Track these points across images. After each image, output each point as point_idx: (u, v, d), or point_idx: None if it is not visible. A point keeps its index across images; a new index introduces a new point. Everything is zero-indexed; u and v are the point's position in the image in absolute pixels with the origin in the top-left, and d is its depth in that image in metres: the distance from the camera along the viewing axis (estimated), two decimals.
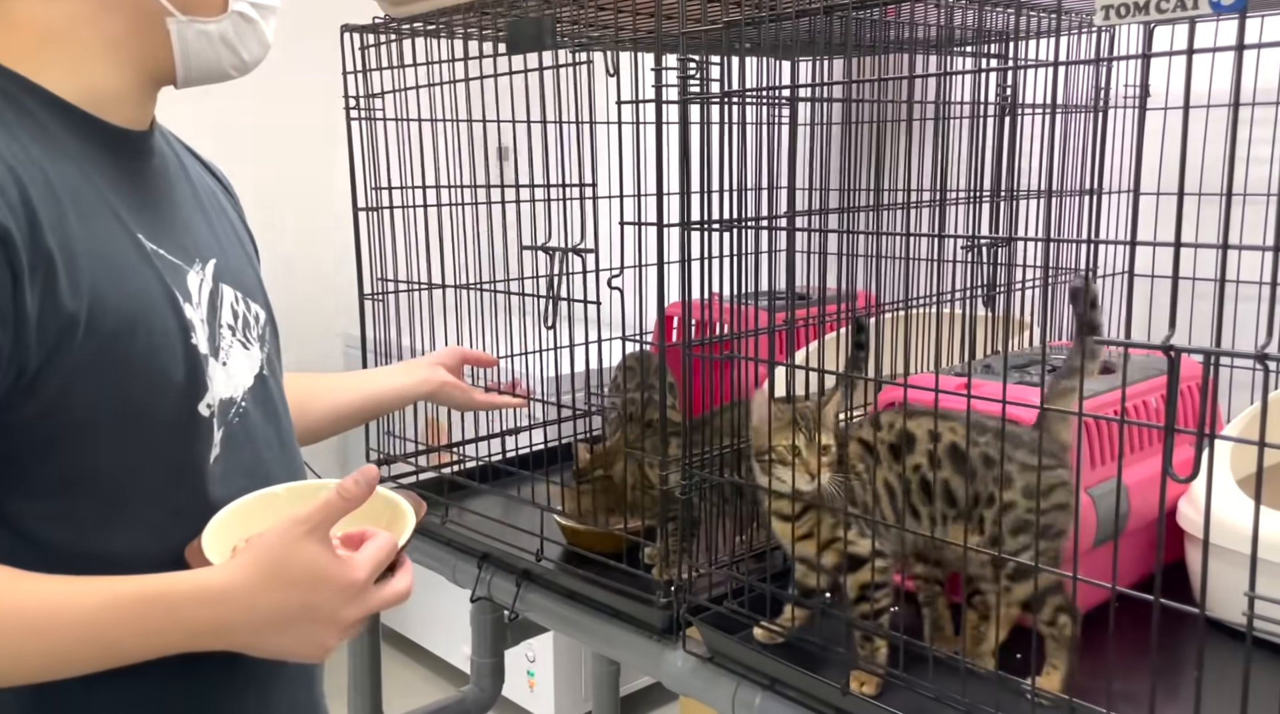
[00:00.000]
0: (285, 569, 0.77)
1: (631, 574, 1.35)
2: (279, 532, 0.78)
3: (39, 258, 0.75)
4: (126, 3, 0.84)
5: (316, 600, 0.78)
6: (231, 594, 0.76)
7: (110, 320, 0.79)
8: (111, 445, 0.82)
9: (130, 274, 0.82)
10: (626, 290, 1.43)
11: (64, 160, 0.80)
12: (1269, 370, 0.76)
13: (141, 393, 0.82)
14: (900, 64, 1.68)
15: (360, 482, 0.80)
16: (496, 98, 1.58)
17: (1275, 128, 1.45)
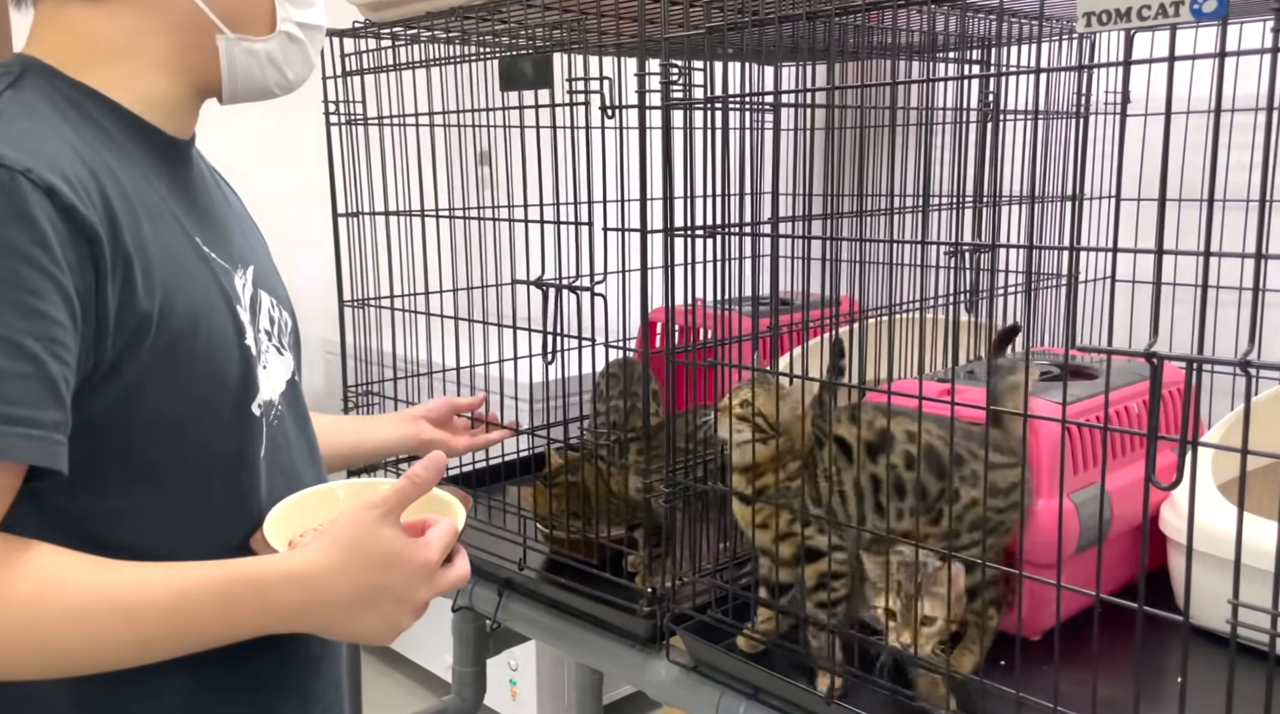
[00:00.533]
0: (364, 551, 0.80)
1: (614, 583, 1.34)
2: (355, 516, 0.81)
3: (119, 257, 0.77)
4: (181, 19, 0.87)
5: (393, 581, 0.81)
6: (315, 576, 0.79)
7: (179, 320, 0.81)
8: (174, 443, 0.84)
9: (194, 276, 0.85)
10: (611, 296, 1.42)
11: (128, 164, 0.83)
12: (1251, 377, 0.76)
13: (202, 391, 0.85)
14: (883, 70, 1.68)
15: (430, 467, 0.83)
16: (470, 101, 1.57)
17: (1255, 134, 1.46)
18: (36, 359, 0.71)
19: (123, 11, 0.85)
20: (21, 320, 0.71)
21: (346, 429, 1.33)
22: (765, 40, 1.22)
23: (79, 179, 0.75)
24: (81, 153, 0.78)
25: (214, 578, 0.77)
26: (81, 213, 0.74)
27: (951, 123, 1.45)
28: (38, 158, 0.74)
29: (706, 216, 1.23)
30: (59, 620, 0.73)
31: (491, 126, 1.57)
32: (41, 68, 0.83)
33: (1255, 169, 1.50)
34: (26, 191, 0.72)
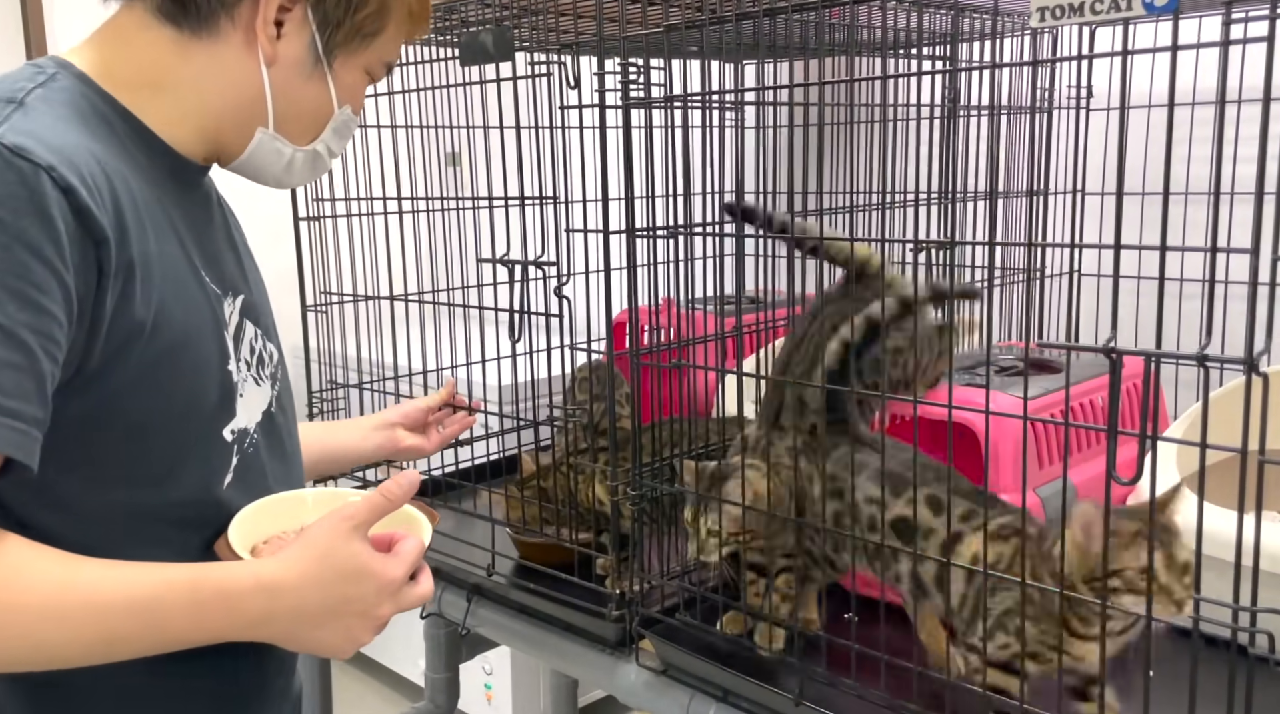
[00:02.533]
0: (333, 564, 0.80)
1: (584, 587, 1.33)
2: (326, 527, 0.81)
3: (123, 264, 0.77)
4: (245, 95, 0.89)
5: (359, 595, 0.81)
6: (284, 585, 0.79)
7: (169, 335, 0.82)
8: (143, 454, 0.83)
9: (189, 295, 0.86)
10: (579, 298, 1.41)
11: (140, 177, 0.84)
12: (1209, 371, 0.76)
13: (180, 408, 0.85)
14: (843, 67, 1.68)
15: (402, 485, 0.84)
16: (430, 103, 1.55)
17: (1213, 127, 1.47)
18: (31, 353, 0.71)
19: (200, 61, 0.87)
20: (22, 312, 0.71)
21: (316, 437, 1.31)
22: (725, 38, 1.21)
23: (94, 181, 0.76)
24: (98, 156, 0.79)
25: (184, 580, 0.77)
26: (94, 215, 0.75)
27: (913, 119, 1.45)
28: (59, 156, 0.74)
29: (669, 216, 1.22)
30: (27, 614, 0.72)
31: (456, 127, 1.56)
32: (75, 73, 0.84)
33: (1213, 162, 1.51)
34: (47, 188, 0.72)
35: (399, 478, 0.84)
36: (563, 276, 1.38)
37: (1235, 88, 0.85)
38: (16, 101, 0.77)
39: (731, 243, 1.27)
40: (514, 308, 1.40)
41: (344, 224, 1.68)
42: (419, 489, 0.87)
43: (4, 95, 0.78)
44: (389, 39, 0.94)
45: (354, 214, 1.68)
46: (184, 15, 0.86)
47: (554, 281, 1.37)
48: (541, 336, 1.53)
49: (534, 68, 1.30)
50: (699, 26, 1.15)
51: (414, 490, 0.85)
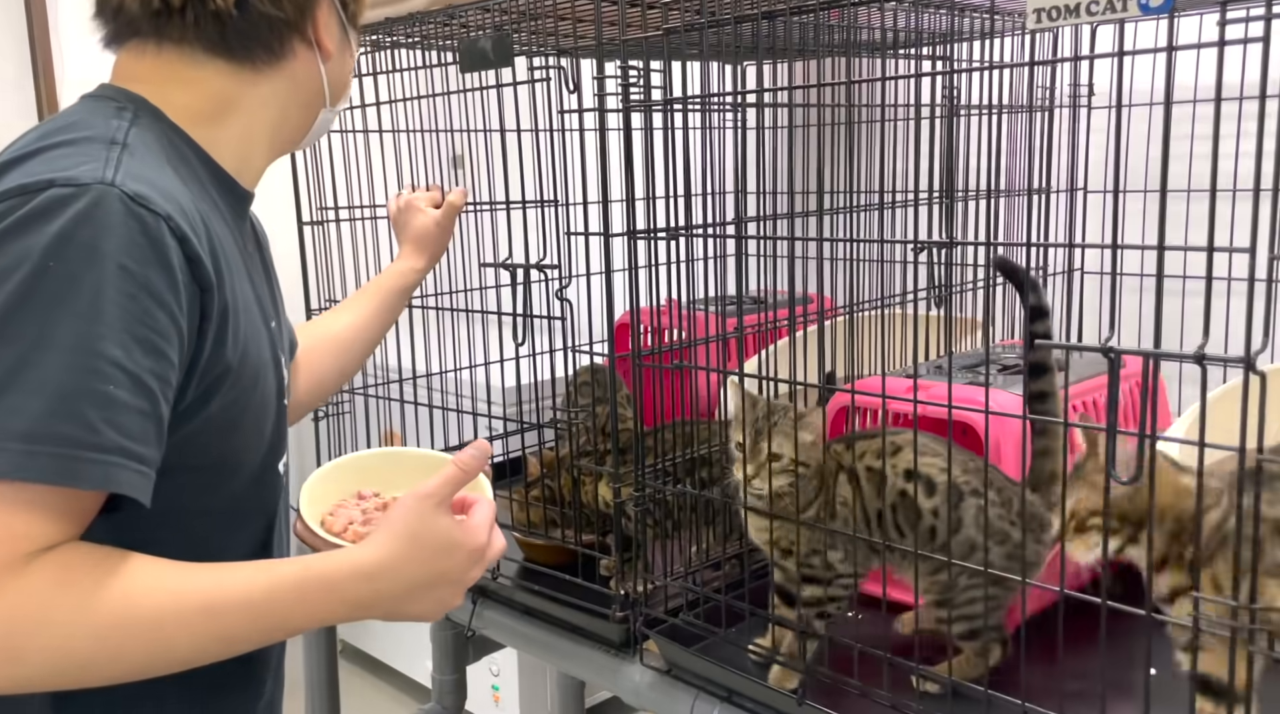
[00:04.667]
0: (424, 542, 0.83)
1: (588, 588, 1.34)
2: (411, 507, 0.84)
3: (220, 308, 0.80)
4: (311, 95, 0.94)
5: (451, 566, 0.84)
6: (383, 569, 0.82)
7: (247, 376, 0.85)
8: (210, 492, 0.86)
9: (259, 333, 0.89)
10: (581, 301, 1.42)
11: (219, 219, 0.86)
12: (1208, 370, 0.76)
13: (243, 447, 0.88)
14: (841, 68, 1.68)
15: (476, 455, 0.87)
16: (431, 108, 1.56)
17: (1214, 124, 1.46)
18: (154, 398, 0.74)
19: (266, 82, 0.90)
20: (147, 358, 0.73)
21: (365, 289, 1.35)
22: (725, 40, 1.21)
23: (196, 229, 0.79)
24: (192, 201, 0.81)
25: (291, 576, 0.80)
26: (203, 263, 0.78)
27: (911, 119, 1.45)
28: (174, 204, 0.77)
29: (670, 218, 1.22)
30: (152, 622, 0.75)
31: (458, 131, 1.56)
32: (151, 109, 0.86)
33: (1209, 159, 1.50)
34: (166, 237, 0.75)
35: (471, 448, 0.87)
36: (565, 279, 1.39)
37: (1233, 85, 0.85)
38: (120, 143, 0.79)
39: (732, 244, 1.27)
40: (517, 311, 1.40)
41: (348, 229, 1.69)
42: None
43: (104, 135, 0.79)
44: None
45: (358, 219, 1.69)
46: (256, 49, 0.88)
47: (556, 284, 1.38)
48: (544, 339, 1.53)
49: (534, 72, 1.31)
50: (698, 29, 1.15)
51: (487, 460, 0.88)
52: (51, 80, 2.67)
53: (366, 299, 1.33)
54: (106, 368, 0.71)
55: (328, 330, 1.28)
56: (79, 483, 0.71)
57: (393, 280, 1.37)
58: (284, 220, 1.68)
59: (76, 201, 0.72)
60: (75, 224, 0.72)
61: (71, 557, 0.73)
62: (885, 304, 1.41)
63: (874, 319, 1.52)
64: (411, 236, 1.40)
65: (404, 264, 1.39)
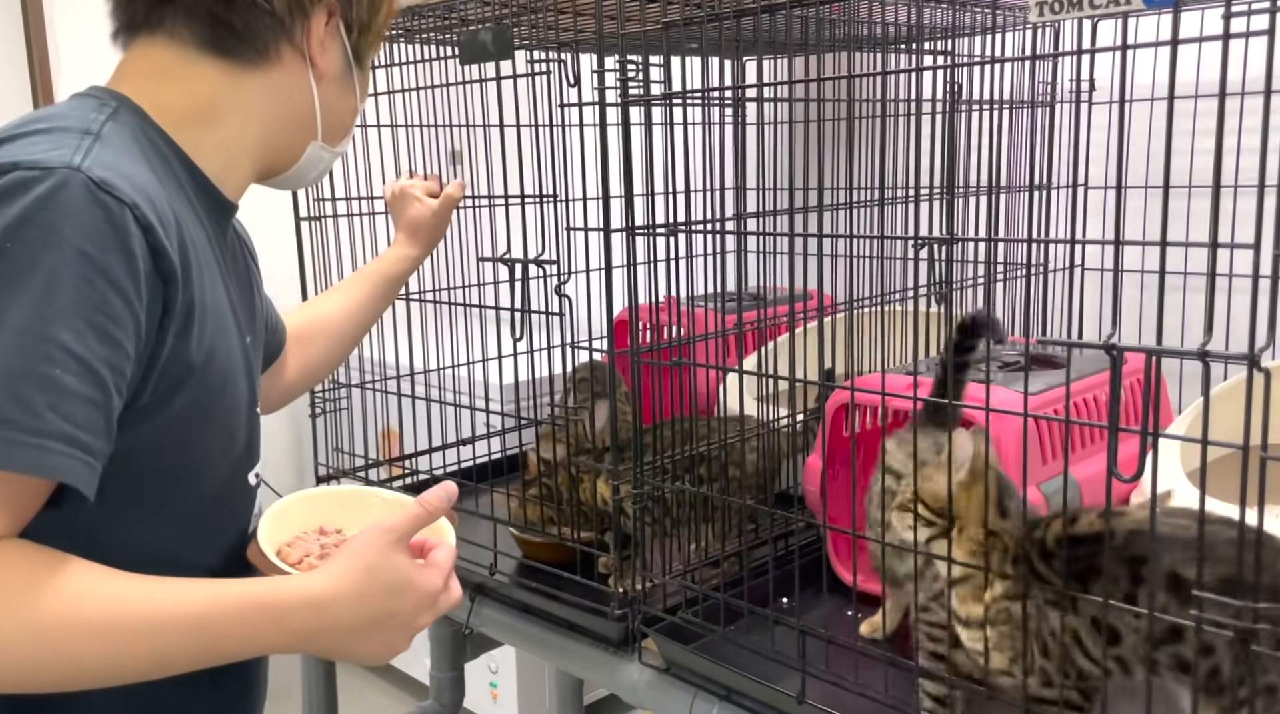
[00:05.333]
0: (378, 578, 0.81)
1: (586, 586, 1.33)
2: (370, 541, 0.81)
3: (185, 304, 0.79)
4: (299, 117, 0.92)
5: (402, 608, 0.82)
6: (331, 601, 0.79)
7: (213, 378, 0.83)
8: (171, 501, 0.84)
9: (230, 338, 0.87)
10: (580, 297, 1.41)
11: (194, 219, 0.85)
12: (1211, 367, 0.76)
13: (213, 451, 0.87)
14: (842, 63, 1.67)
15: (441, 497, 0.85)
16: (430, 102, 1.55)
17: (1218, 119, 1.46)
18: (105, 387, 0.72)
19: (253, 87, 0.88)
20: (101, 346, 0.72)
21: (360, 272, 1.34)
22: (725, 35, 1.21)
23: (165, 221, 0.77)
24: (165, 197, 0.80)
25: (236, 599, 0.77)
26: (168, 254, 0.76)
27: (912, 114, 1.44)
28: (141, 193, 0.75)
29: (669, 214, 1.22)
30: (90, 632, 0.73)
31: (456, 125, 1.55)
32: (134, 109, 0.85)
33: (1213, 155, 1.50)
34: (130, 225, 0.73)
35: (437, 489, 0.85)
36: (563, 275, 1.38)
37: (1234, 81, 0.85)
38: (94, 134, 0.78)
39: (732, 240, 1.27)
40: (515, 307, 1.40)
41: (345, 224, 1.68)
42: (417, 489, 0.88)
43: (79, 126, 0.78)
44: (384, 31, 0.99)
45: (355, 214, 1.68)
46: (242, 45, 0.87)
47: (555, 280, 1.37)
48: (543, 336, 1.52)
49: (533, 66, 1.30)
50: (698, 23, 1.14)
51: (453, 501, 0.86)
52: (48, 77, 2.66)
53: (359, 285, 1.32)
54: (55, 352, 0.70)
55: (319, 313, 1.27)
56: (13, 465, 0.68)
57: (387, 267, 1.35)
58: (281, 215, 1.68)
59: (39, 184, 0.71)
60: (36, 206, 0.71)
61: (10, 553, 0.71)
62: (885, 300, 1.41)
63: (874, 316, 1.51)
64: (407, 225, 1.39)
65: (399, 251, 1.38)
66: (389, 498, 1.00)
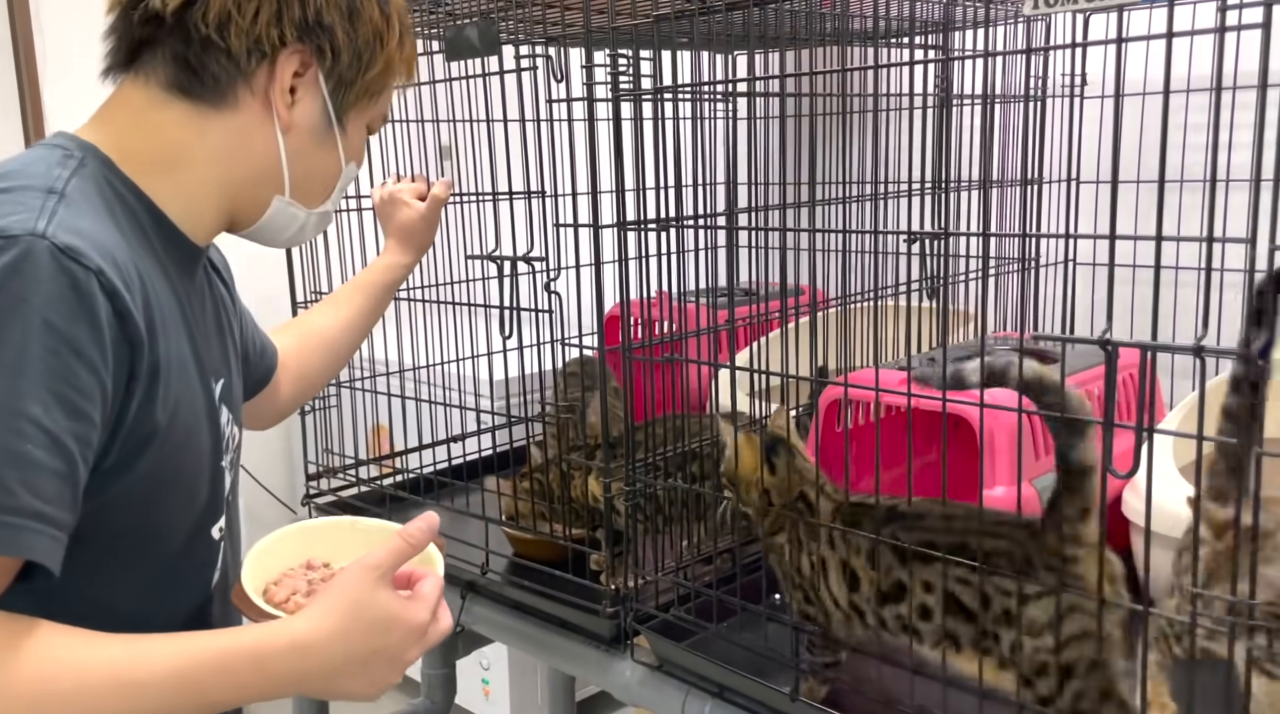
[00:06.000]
0: (362, 616, 0.79)
1: (578, 584, 1.33)
2: (353, 578, 0.80)
3: (150, 367, 0.77)
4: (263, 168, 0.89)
5: (389, 644, 0.80)
6: (316, 644, 0.78)
7: (178, 436, 0.82)
8: (129, 558, 0.83)
9: (194, 392, 0.85)
10: (570, 293, 1.40)
11: (159, 271, 0.83)
12: (1205, 362, 0.75)
13: (174, 511, 0.85)
14: (834, 57, 1.67)
15: (424, 529, 0.84)
16: (416, 98, 1.54)
17: (1213, 113, 1.46)
18: (72, 460, 0.71)
19: (217, 134, 0.86)
20: (68, 419, 0.70)
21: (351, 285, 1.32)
22: (716, 29, 1.20)
23: (129, 283, 0.76)
24: (129, 255, 0.78)
25: (215, 650, 0.76)
26: (133, 319, 0.75)
27: (905, 108, 1.44)
28: (106, 257, 0.74)
29: (660, 209, 1.21)
30: (60, 699, 0.72)
31: (444, 121, 1.54)
32: (100, 157, 0.83)
33: (1209, 149, 1.50)
34: (96, 292, 0.72)
35: (419, 521, 0.84)
36: (553, 272, 1.37)
37: (1230, 74, 0.84)
38: (58, 193, 0.76)
39: (723, 235, 1.26)
40: (504, 304, 1.39)
41: (334, 223, 1.67)
42: (407, 486, 0.87)
43: (43, 184, 0.76)
44: (389, 94, 0.95)
45: (344, 211, 1.67)
46: (200, 87, 0.84)
47: (545, 277, 1.36)
48: (533, 333, 1.52)
49: (520, 61, 1.28)
50: (689, 16, 1.14)
51: (434, 532, 0.85)
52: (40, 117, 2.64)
53: (352, 296, 1.30)
54: (26, 427, 0.68)
55: (313, 328, 1.26)
56: None
57: (379, 276, 1.33)
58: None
59: (5, 253, 0.70)
60: (3, 276, 0.69)
61: None
62: (878, 295, 1.40)
63: (866, 311, 1.51)
64: (396, 230, 1.37)
65: (390, 259, 1.36)
66: (375, 527, 0.98)
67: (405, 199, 1.38)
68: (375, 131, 0.99)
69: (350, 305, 1.30)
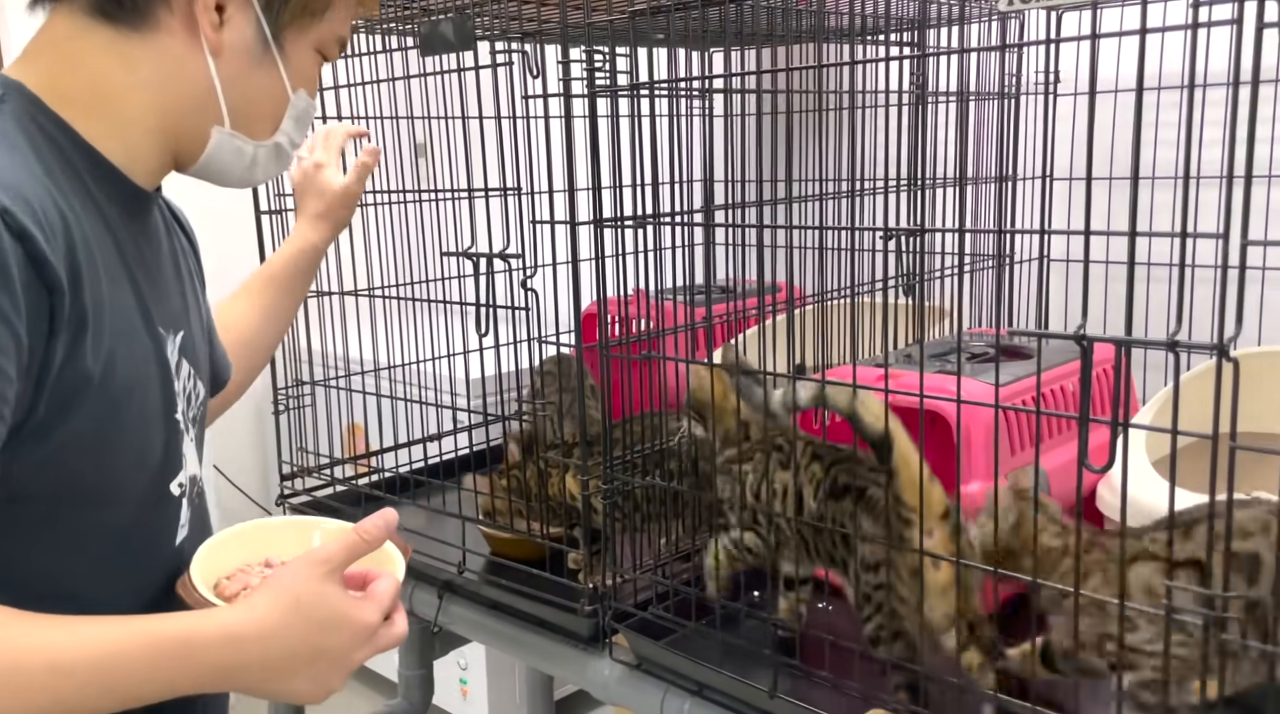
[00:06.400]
0: (305, 611, 0.75)
1: (556, 582, 1.32)
2: (299, 571, 0.76)
3: (75, 313, 0.73)
4: (195, 97, 0.83)
5: (333, 644, 0.77)
6: (252, 636, 0.74)
7: (117, 388, 0.77)
8: (88, 519, 0.79)
9: (137, 342, 0.81)
10: (546, 291, 1.39)
11: (95, 214, 0.79)
12: (1180, 357, 0.76)
13: (127, 464, 0.80)
14: (810, 53, 1.67)
15: (380, 525, 0.80)
16: (390, 94, 1.53)
17: (1186, 110, 1.47)
18: None
19: (144, 62, 0.81)
20: None
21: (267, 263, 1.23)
22: (691, 25, 1.19)
23: (50, 226, 0.72)
24: (54, 195, 0.74)
25: (143, 637, 0.72)
26: (50, 263, 0.70)
27: (881, 105, 1.44)
28: (15, 197, 0.69)
29: (637, 206, 1.20)
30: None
31: (419, 118, 1.53)
32: (26, 96, 0.78)
33: (1182, 146, 1.51)
34: (3, 235, 0.68)
35: (376, 517, 0.80)
36: (530, 269, 1.36)
37: (1202, 71, 0.85)
38: None
39: (700, 232, 1.26)
40: (480, 302, 1.38)
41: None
42: (383, 486, 0.85)
43: None
44: (339, 13, 0.89)
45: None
46: (119, 9, 0.79)
47: (521, 274, 1.35)
48: (509, 331, 1.51)
49: (496, 57, 1.27)
50: (665, 12, 1.13)
51: (392, 529, 0.81)
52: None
53: (265, 288, 1.21)
54: None
55: (225, 325, 1.15)
56: None
57: (292, 263, 1.23)
58: (242, 209, 1.64)
59: None
60: None
61: None
62: (855, 292, 1.40)
63: (843, 308, 1.51)
64: (314, 203, 1.25)
65: (301, 242, 1.24)
66: (341, 528, 0.92)
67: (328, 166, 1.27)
68: (331, 58, 0.92)
69: (263, 296, 1.21)
